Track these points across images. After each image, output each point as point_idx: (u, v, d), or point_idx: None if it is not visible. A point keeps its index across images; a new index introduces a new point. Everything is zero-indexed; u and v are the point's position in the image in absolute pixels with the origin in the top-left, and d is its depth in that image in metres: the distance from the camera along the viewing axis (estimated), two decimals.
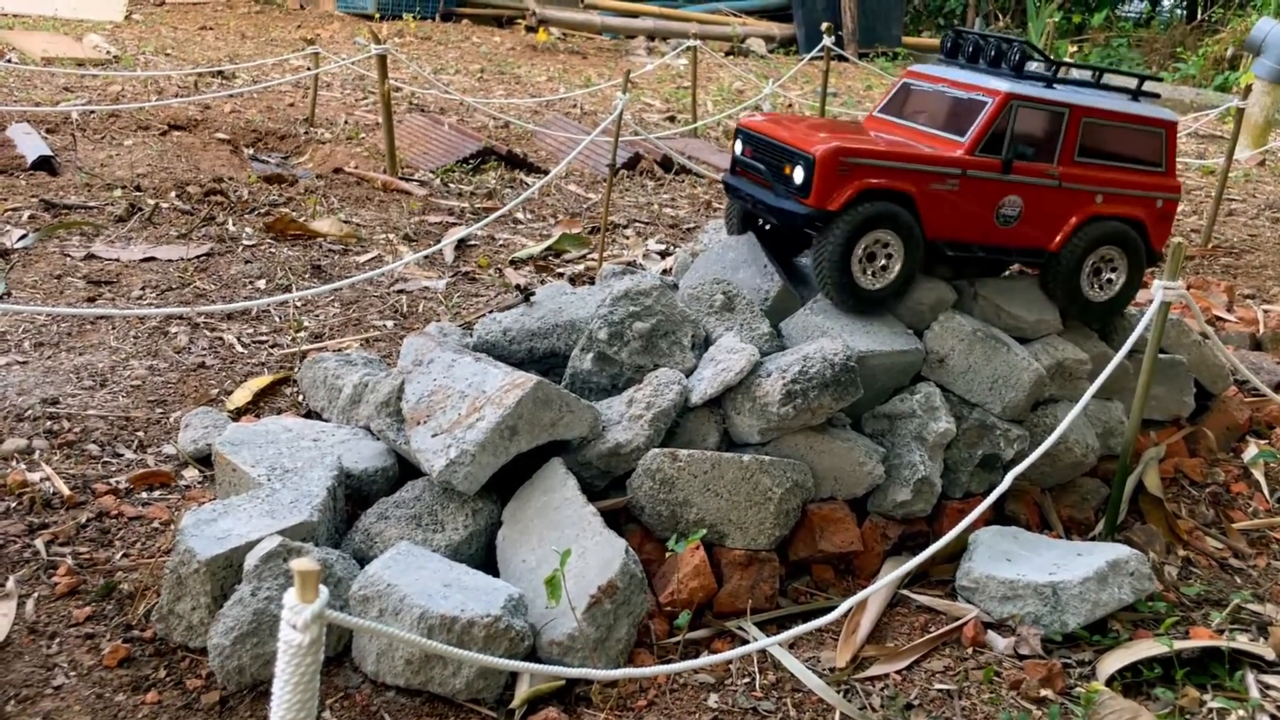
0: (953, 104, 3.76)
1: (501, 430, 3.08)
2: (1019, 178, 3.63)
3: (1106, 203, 3.76)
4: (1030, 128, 3.64)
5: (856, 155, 3.47)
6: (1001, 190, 3.64)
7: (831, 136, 3.56)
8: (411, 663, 2.74)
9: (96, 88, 8.44)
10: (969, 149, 3.57)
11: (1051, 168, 3.67)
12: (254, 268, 5.23)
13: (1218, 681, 3.01)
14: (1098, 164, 3.74)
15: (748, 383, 3.31)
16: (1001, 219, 3.67)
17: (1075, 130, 3.67)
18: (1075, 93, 3.69)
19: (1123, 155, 3.77)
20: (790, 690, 2.91)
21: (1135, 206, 3.81)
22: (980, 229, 3.68)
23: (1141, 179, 3.81)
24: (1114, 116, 3.74)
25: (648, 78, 11.30)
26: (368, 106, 8.90)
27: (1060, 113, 3.65)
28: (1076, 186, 3.71)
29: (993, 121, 3.57)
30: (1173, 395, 4.17)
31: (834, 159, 3.44)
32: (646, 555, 3.18)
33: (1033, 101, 3.60)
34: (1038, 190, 3.67)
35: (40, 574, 3.10)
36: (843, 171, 3.46)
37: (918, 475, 3.37)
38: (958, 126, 3.67)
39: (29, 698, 2.68)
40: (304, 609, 1.72)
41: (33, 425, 3.78)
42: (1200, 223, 7.38)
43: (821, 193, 3.46)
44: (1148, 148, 3.81)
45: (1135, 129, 3.79)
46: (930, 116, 3.83)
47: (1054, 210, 3.72)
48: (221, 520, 2.93)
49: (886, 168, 3.50)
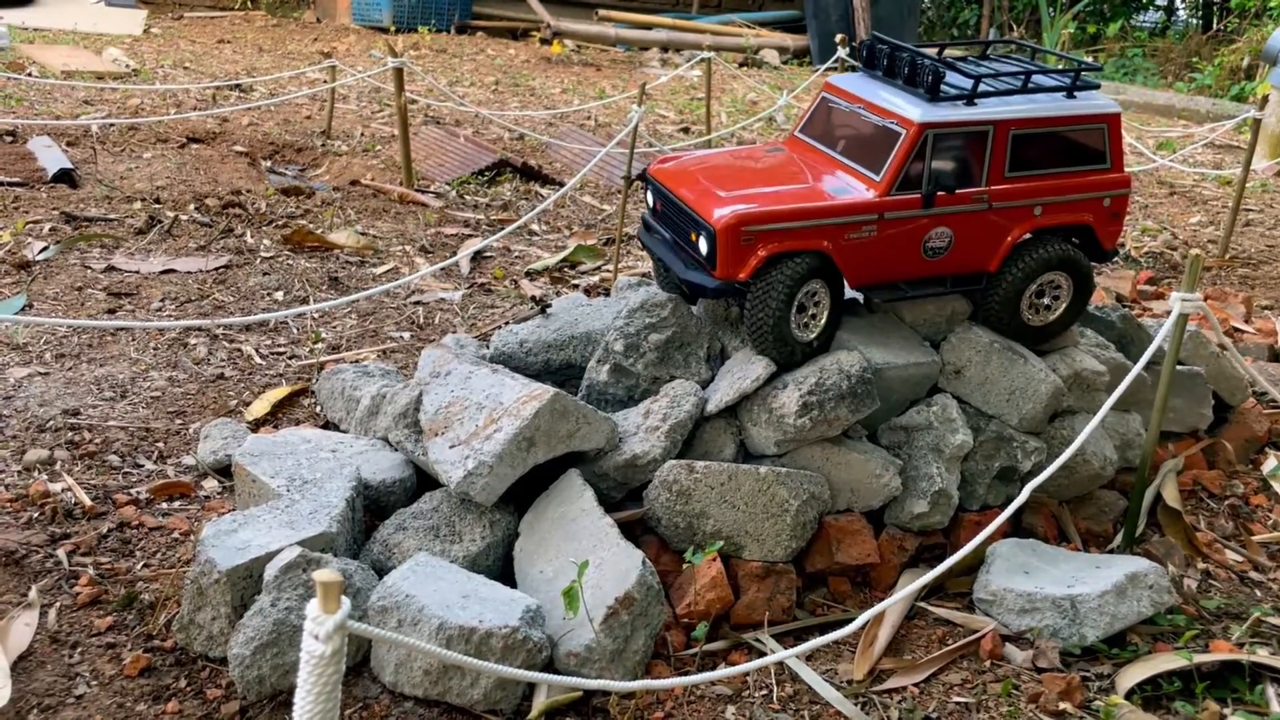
0: (867, 130, 3.46)
1: (519, 442, 3.10)
2: (944, 209, 3.35)
3: (1047, 213, 3.50)
4: (952, 154, 3.35)
5: (760, 221, 3.20)
6: (926, 226, 3.36)
7: (734, 198, 3.28)
8: (430, 673, 2.75)
9: (116, 101, 8.52)
10: (884, 189, 3.28)
11: (980, 191, 3.38)
12: (272, 279, 5.27)
13: (1238, 695, 2.99)
14: (1033, 175, 3.46)
15: (764, 394, 3.31)
16: (929, 252, 3.40)
17: (1003, 146, 3.38)
18: (1001, 104, 3.39)
19: (1062, 159, 3.50)
20: (808, 703, 2.91)
21: (1079, 211, 3.55)
22: (907, 267, 3.43)
23: (1085, 180, 3.53)
24: (1046, 122, 3.45)
25: (662, 89, 11.34)
26: (384, 119, 8.96)
27: (984, 131, 3.35)
28: (1010, 204, 3.44)
29: (908, 156, 3.28)
30: (1191, 407, 4.15)
31: (735, 230, 3.18)
32: (663, 567, 3.19)
33: (951, 127, 3.30)
34: (967, 216, 3.40)
35: (62, 584, 3.12)
36: (746, 241, 3.20)
37: (935, 487, 3.36)
38: (873, 159, 3.37)
39: (51, 707, 2.70)
40: (327, 620, 1.73)
41: (54, 436, 3.82)
42: (1217, 234, 7.35)
43: (727, 264, 3.22)
44: (1089, 146, 3.53)
45: (1073, 130, 3.50)
46: (848, 144, 3.54)
47: (988, 233, 3.45)
48: (241, 531, 2.95)
49: (795, 229, 3.23)
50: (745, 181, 3.46)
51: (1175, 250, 6.99)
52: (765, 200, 3.29)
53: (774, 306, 3.25)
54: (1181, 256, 6.83)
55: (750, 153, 3.82)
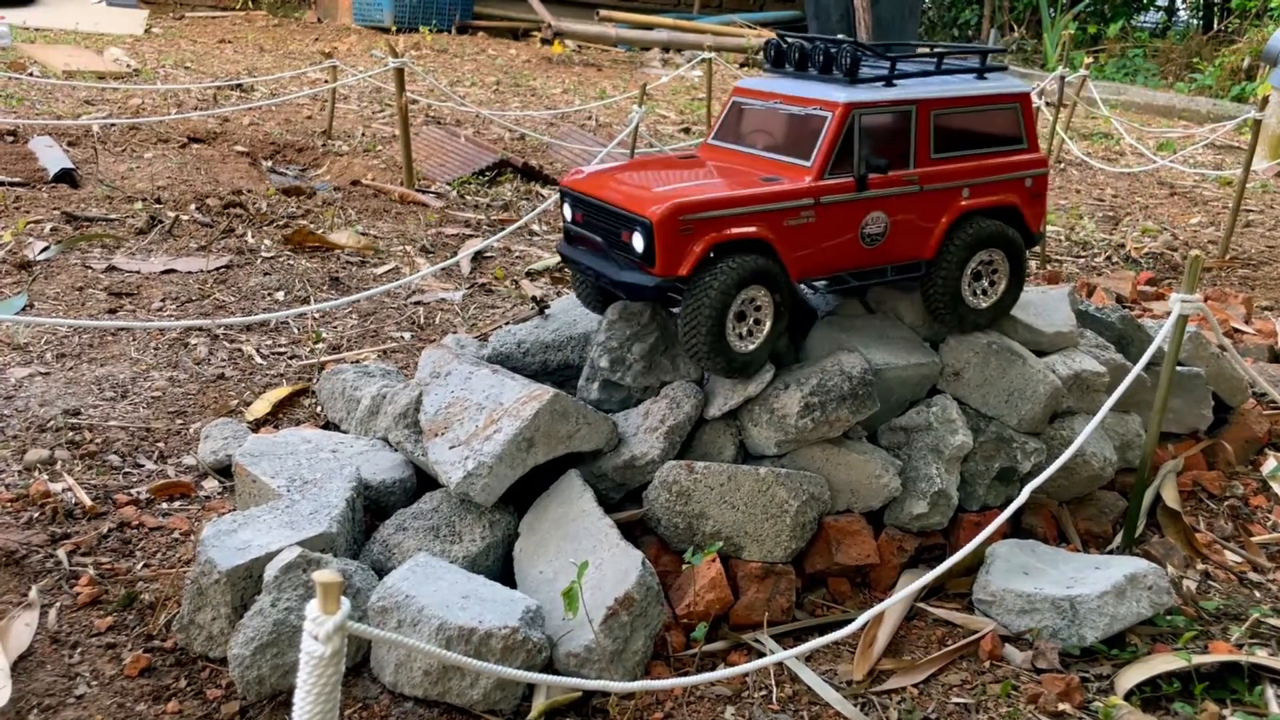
0: (790, 122, 3.41)
1: (519, 442, 3.10)
2: (878, 192, 3.34)
3: (974, 194, 3.50)
4: (879, 135, 3.33)
5: (697, 209, 3.11)
6: (862, 210, 3.34)
7: (666, 191, 3.21)
8: (429, 674, 2.75)
9: (117, 101, 8.52)
10: (817, 173, 3.25)
11: (910, 173, 3.39)
12: (273, 279, 5.27)
13: (1237, 696, 2.99)
14: (957, 156, 3.47)
15: (765, 395, 3.31)
16: (868, 239, 3.38)
17: (926, 126, 3.39)
18: (919, 84, 3.42)
19: (981, 140, 3.52)
20: (807, 703, 2.91)
21: (1004, 192, 3.56)
22: (847, 256, 3.39)
23: (1005, 161, 3.54)
24: (963, 102, 3.46)
25: (662, 90, 11.34)
26: (385, 119, 8.96)
27: (907, 111, 3.36)
28: (940, 186, 3.45)
29: (837, 137, 3.25)
30: (1191, 408, 4.15)
31: (673, 220, 3.07)
32: (663, 567, 3.19)
33: (875, 106, 3.30)
34: (900, 200, 3.39)
35: (62, 584, 3.13)
36: (685, 231, 3.10)
37: (934, 488, 3.37)
38: (800, 148, 3.33)
39: (51, 707, 2.70)
40: (326, 620, 1.73)
41: (55, 436, 3.82)
42: (1218, 234, 7.35)
43: (667, 259, 3.11)
44: (1005, 126, 3.55)
45: (987, 110, 3.52)
46: (769, 139, 3.48)
47: (921, 217, 3.45)
48: (241, 531, 2.95)
49: (734, 215, 3.16)
50: (673, 180, 3.39)
51: (1175, 251, 6.99)
52: (700, 190, 3.22)
53: (710, 310, 3.14)
54: (1181, 257, 6.84)
55: (666, 160, 3.76)
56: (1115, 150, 9.94)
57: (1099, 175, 8.88)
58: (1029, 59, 15.57)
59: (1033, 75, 13.34)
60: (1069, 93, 8.99)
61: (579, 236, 3.54)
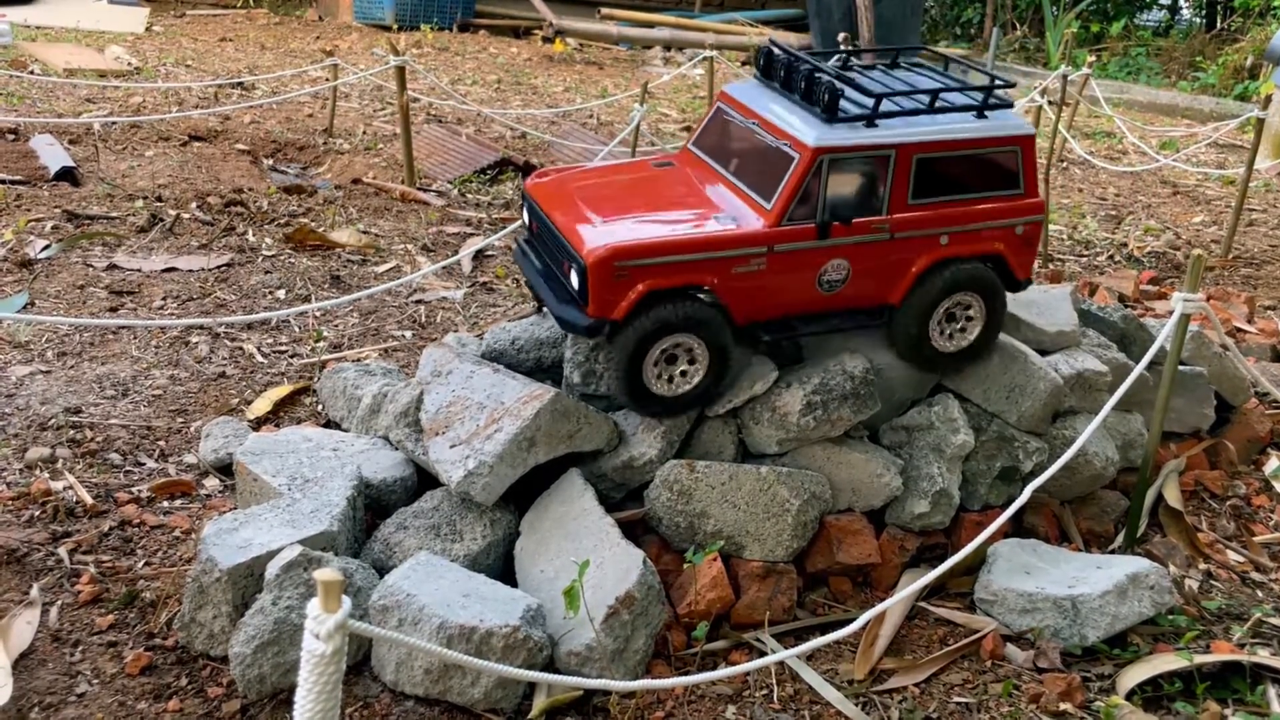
0: (761, 150, 3.21)
1: (520, 442, 3.10)
2: (841, 240, 3.12)
3: (954, 242, 3.25)
4: (850, 180, 3.11)
5: (635, 255, 2.96)
6: (822, 257, 3.12)
7: (609, 226, 3.06)
8: (430, 672, 2.75)
9: (118, 99, 8.52)
10: (775, 219, 3.04)
11: (880, 220, 3.15)
12: (274, 278, 5.27)
13: (1239, 696, 2.99)
14: (938, 203, 3.21)
15: (766, 393, 3.31)
16: (826, 285, 3.17)
17: (906, 170, 3.13)
18: (905, 126, 3.14)
19: (970, 185, 3.25)
20: (808, 702, 2.91)
21: (989, 241, 3.29)
22: (800, 301, 3.19)
23: (995, 207, 3.27)
24: (953, 145, 3.18)
25: (664, 88, 11.34)
26: (386, 117, 8.96)
27: (885, 155, 3.10)
28: (914, 234, 3.20)
29: (800, 184, 3.03)
30: (1193, 407, 4.15)
31: (608, 265, 2.93)
32: (664, 566, 3.19)
33: (848, 151, 3.06)
34: (867, 247, 3.16)
35: (63, 582, 3.13)
36: (620, 277, 2.95)
37: (936, 487, 3.36)
38: (765, 184, 3.13)
39: (53, 705, 2.70)
40: (327, 619, 1.73)
41: (56, 434, 3.82)
42: (1220, 233, 7.34)
43: (600, 303, 2.99)
44: (1000, 170, 3.27)
45: (982, 153, 3.24)
46: (741, 163, 3.29)
47: (889, 264, 3.22)
48: (243, 530, 2.95)
49: (675, 263, 3.00)
50: (625, 205, 3.24)
51: (1178, 250, 6.99)
52: (643, 230, 3.06)
53: (623, 355, 3.04)
54: (1184, 256, 6.83)
55: (638, 168, 3.59)
56: (1118, 149, 9.93)
57: (1101, 174, 8.87)
58: (1031, 57, 15.55)
59: (1035, 73, 13.33)
60: (1071, 91, 8.98)
61: (532, 245, 3.46)
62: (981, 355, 3.49)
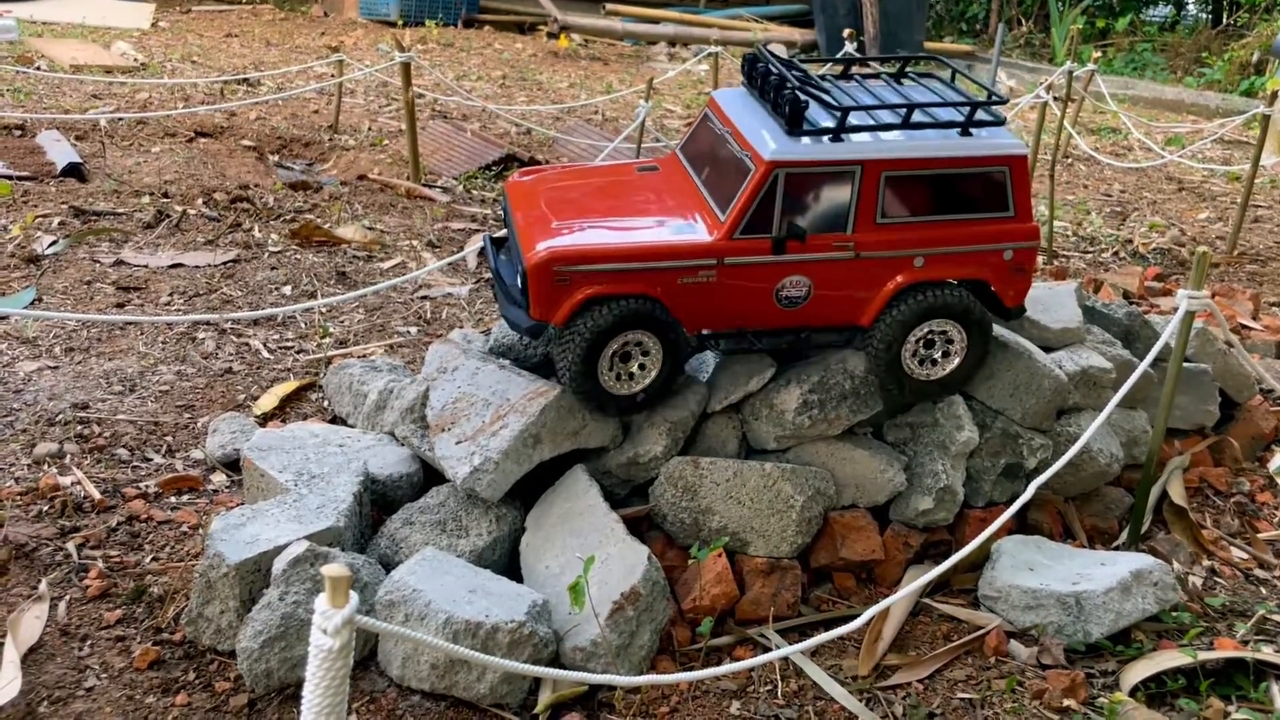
0: (729, 160, 3.12)
1: (525, 438, 3.11)
2: (799, 257, 3.01)
3: (930, 265, 3.09)
4: (810, 195, 2.98)
5: (576, 261, 2.92)
6: (777, 273, 3.02)
7: (558, 231, 3.02)
8: (436, 667, 2.76)
9: (124, 95, 8.54)
10: (726, 232, 2.96)
11: (843, 239, 3.02)
12: (279, 274, 5.29)
13: (1242, 693, 2.99)
14: (912, 223, 3.06)
15: (767, 389, 3.31)
16: (785, 301, 3.07)
17: (874, 188, 2.99)
18: (875, 141, 3.00)
19: (951, 205, 3.08)
20: (812, 698, 2.92)
21: (971, 265, 3.13)
22: (756, 315, 3.10)
23: (980, 230, 3.10)
24: (929, 164, 3.01)
25: (669, 84, 11.33)
26: (391, 113, 8.97)
27: (849, 172, 2.98)
28: (883, 255, 3.06)
29: (754, 197, 2.94)
30: (1197, 404, 4.15)
31: (546, 269, 2.91)
32: (669, 562, 3.20)
33: (807, 166, 2.95)
34: (829, 265, 3.04)
35: (72, 577, 3.15)
36: (560, 282, 2.93)
37: (940, 484, 3.37)
38: (725, 196, 3.05)
39: (61, 699, 2.72)
40: (335, 614, 1.75)
41: (63, 430, 3.84)
42: (1226, 230, 7.34)
43: (540, 305, 2.97)
44: (986, 191, 3.08)
45: (963, 172, 3.05)
46: (711, 172, 3.21)
47: (855, 283, 3.09)
48: (250, 525, 2.96)
49: (617, 271, 2.94)
50: (586, 209, 3.19)
51: (1183, 246, 6.98)
52: (590, 236, 3.02)
53: (575, 356, 3.01)
54: (1189, 253, 6.82)
55: (619, 172, 3.54)
56: (1123, 145, 9.92)
57: (1106, 170, 8.86)
58: (1037, 53, 15.52)
59: (1040, 69, 13.31)
60: (1077, 87, 8.96)
61: (496, 243, 3.42)
62: (959, 388, 3.36)
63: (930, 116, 3.10)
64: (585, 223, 3.12)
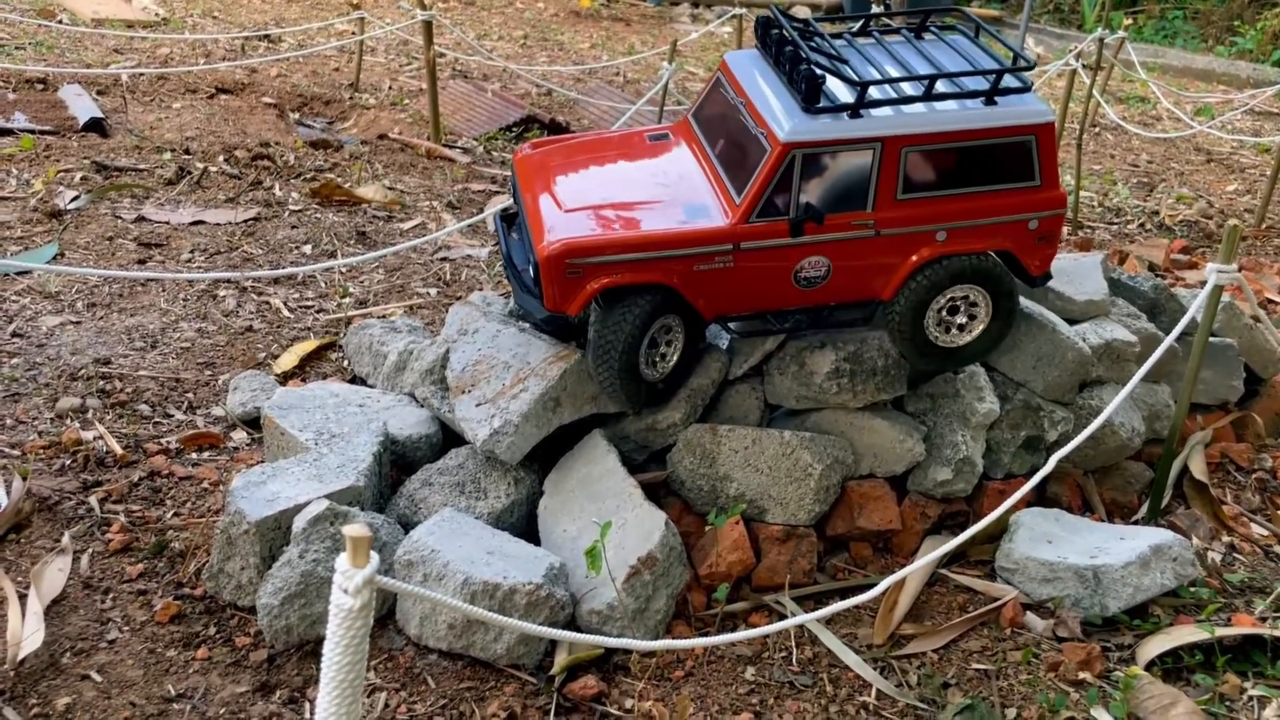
0: (742, 135, 3.00)
1: (545, 402, 3.11)
2: (818, 238, 2.92)
3: (954, 239, 3.01)
4: (828, 174, 2.89)
5: (589, 253, 2.85)
6: (796, 255, 2.95)
7: (570, 217, 2.94)
8: (454, 627, 2.78)
9: (145, 50, 8.51)
10: (742, 216, 2.87)
11: (864, 216, 2.95)
12: (300, 233, 5.28)
13: (1259, 669, 2.99)
14: (934, 197, 2.97)
15: (799, 348, 3.27)
16: (803, 282, 2.99)
17: (894, 165, 2.89)
18: (895, 116, 2.90)
19: (974, 178, 2.99)
20: (827, 665, 2.93)
21: (995, 237, 3.04)
22: (774, 297, 3.03)
23: (1004, 200, 3.02)
24: (951, 137, 2.91)
25: (692, 46, 11.21)
26: (412, 72, 8.91)
27: (869, 149, 2.88)
28: (904, 231, 2.98)
29: (770, 179, 2.84)
30: (1221, 379, 4.11)
31: (559, 262, 2.85)
32: (685, 528, 3.20)
33: (825, 146, 2.85)
34: (849, 245, 2.96)
35: (94, 530, 3.18)
36: (573, 274, 2.85)
37: (959, 455, 3.35)
38: (741, 174, 2.95)
39: (84, 650, 2.76)
40: (356, 573, 1.76)
41: (86, 385, 3.87)
42: (1254, 203, 7.23)
43: (554, 298, 2.91)
44: (1011, 161, 2.99)
45: (988, 144, 2.95)
46: (725, 146, 3.10)
47: (876, 261, 3.02)
48: (270, 483, 2.98)
49: (631, 261, 2.87)
50: (597, 191, 3.10)
51: (1210, 219, 6.89)
52: (603, 225, 2.93)
53: (622, 348, 2.95)
54: (1217, 225, 6.73)
55: (630, 142, 3.42)
56: (1152, 115, 9.77)
57: (1134, 140, 8.73)
58: (1066, 19, 15.26)
59: (1070, 36, 13.10)
60: (1107, 55, 8.82)
61: (508, 220, 3.35)
62: (987, 354, 3.30)
63: (954, 86, 3.01)
64: (597, 208, 3.03)
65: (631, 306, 2.94)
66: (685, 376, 3.22)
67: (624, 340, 2.94)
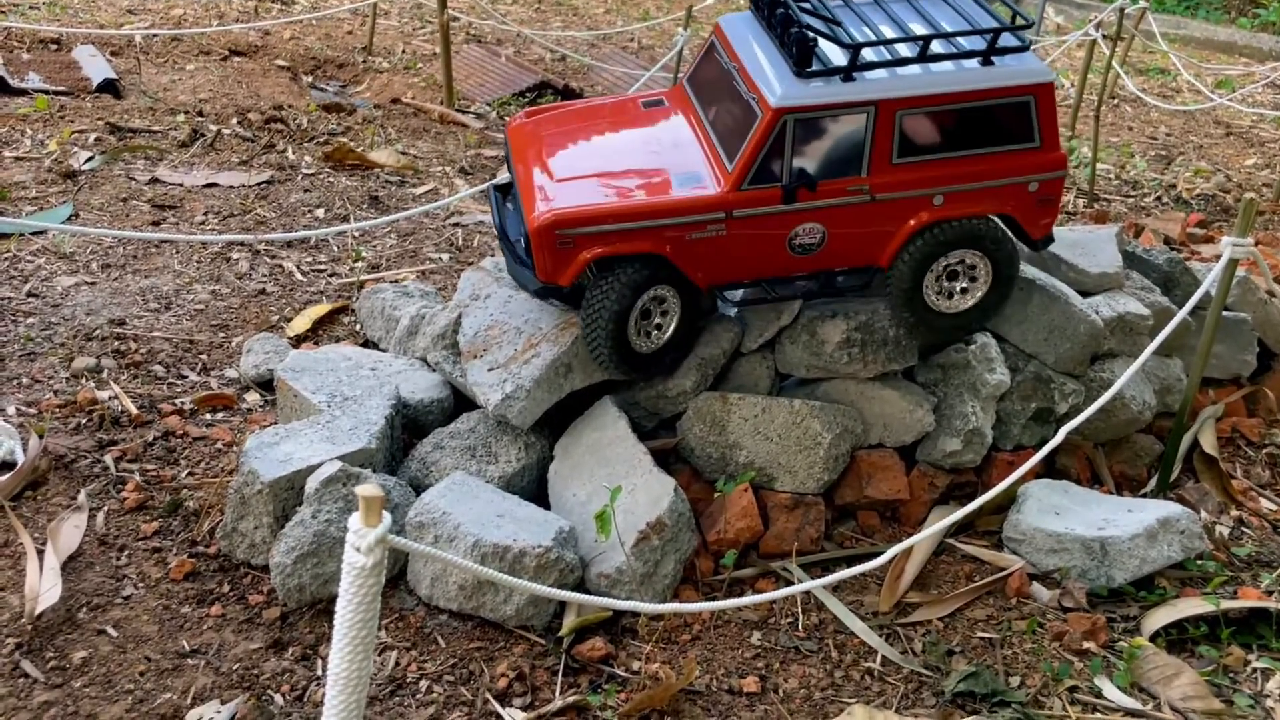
0: (734, 101, 2.96)
1: (556, 367, 3.12)
2: (811, 204, 2.88)
3: (950, 203, 2.96)
4: (821, 139, 2.84)
5: (580, 223, 2.82)
6: (790, 222, 2.91)
7: (561, 187, 2.91)
8: (464, 588, 2.82)
9: (159, 11, 8.49)
10: (734, 183, 2.84)
11: (859, 181, 2.90)
12: (313, 196, 5.29)
13: (1264, 642, 3.00)
14: (929, 160, 2.92)
15: (811, 318, 3.27)
16: (798, 249, 2.96)
17: (889, 128, 2.84)
18: (889, 78, 2.84)
19: (973, 139, 2.94)
20: (833, 632, 2.96)
21: (995, 200, 2.99)
22: (769, 265, 3.00)
23: (1004, 163, 2.97)
24: (947, 99, 2.85)
25: (707, 12, 11.12)
26: (425, 36, 8.87)
27: (862, 113, 2.84)
28: (900, 195, 2.94)
29: (762, 145, 2.80)
30: (1234, 354, 4.09)
31: (550, 233, 2.83)
32: (694, 495, 3.22)
33: (817, 110, 2.80)
34: (843, 210, 2.92)
35: (110, 489, 3.21)
36: (564, 245, 2.83)
37: (969, 426, 3.36)
38: (733, 140, 2.91)
39: (100, 606, 2.80)
40: (368, 533, 1.78)
41: (100, 345, 3.89)
42: (1273, 177, 7.17)
43: (545, 268, 2.90)
44: (1010, 122, 2.93)
45: (985, 105, 2.89)
46: (718, 111, 3.05)
47: (872, 226, 2.97)
48: (284, 444, 3.01)
49: (623, 231, 2.84)
50: (588, 160, 3.06)
51: (1228, 193, 6.83)
52: (591, 194, 2.90)
53: (607, 317, 2.93)
54: (1234, 199, 6.68)
55: (624, 110, 3.37)
56: (1171, 87, 9.66)
57: (1153, 112, 8.65)
58: None
59: (1090, 5, 12.93)
60: (1127, 25, 8.71)
61: (502, 190, 3.32)
62: (988, 318, 3.25)
63: (951, 46, 2.95)
64: (588, 177, 2.99)
65: (619, 275, 2.90)
66: (689, 347, 3.21)
67: (610, 309, 2.92)
